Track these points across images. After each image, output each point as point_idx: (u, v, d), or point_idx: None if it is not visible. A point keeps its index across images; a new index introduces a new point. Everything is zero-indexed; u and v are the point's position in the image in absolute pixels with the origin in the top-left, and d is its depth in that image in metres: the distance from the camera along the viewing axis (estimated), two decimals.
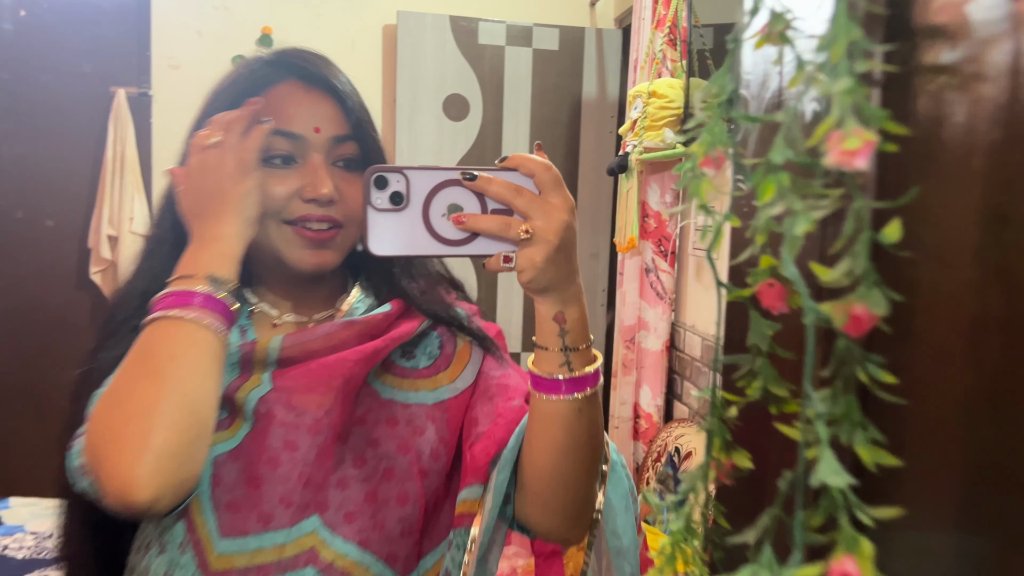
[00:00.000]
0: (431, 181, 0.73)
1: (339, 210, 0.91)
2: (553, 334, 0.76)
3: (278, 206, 0.89)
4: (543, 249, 0.71)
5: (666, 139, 2.48)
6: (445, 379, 0.97)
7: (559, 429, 0.79)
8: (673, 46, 2.60)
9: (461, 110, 3.38)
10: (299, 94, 0.92)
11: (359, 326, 0.93)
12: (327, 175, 0.90)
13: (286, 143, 0.90)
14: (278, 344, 0.90)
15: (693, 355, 2.61)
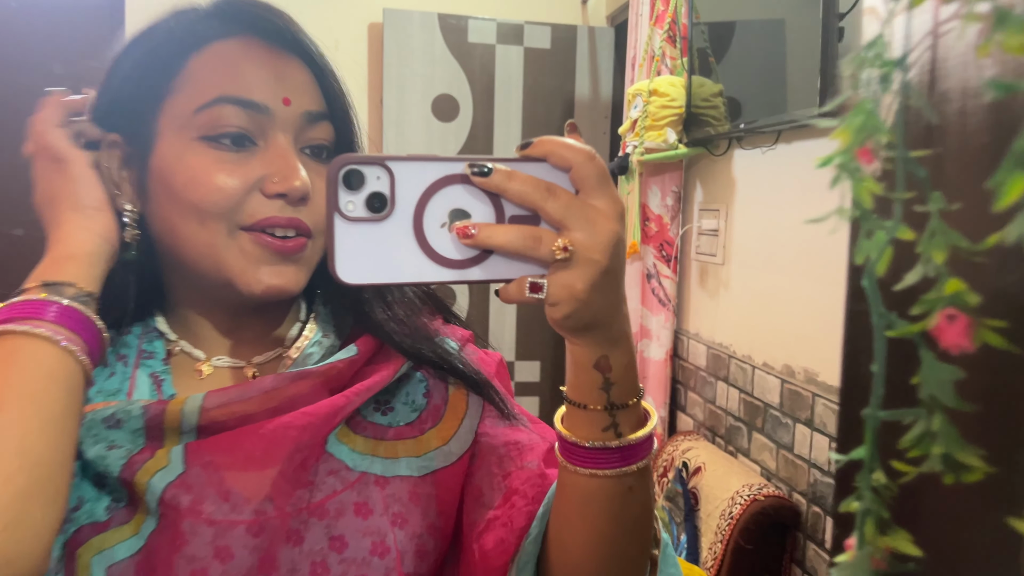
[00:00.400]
0: (425, 178, 0.51)
1: (309, 213, 0.69)
2: (594, 388, 0.56)
3: (228, 204, 0.66)
4: (587, 272, 0.51)
5: (668, 139, 2.38)
6: (435, 439, 0.75)
7: (602, 515, 0.60)
8: (673, 43, 2.50)
9: (450, 111, 3.26)
10: (259, 52, 0.69)
11: (314, 378, 0.70)
12: (298, 161, 0.68)
13: (241, 115, 0.67)
14: (197, 406, 0.66)
15: (697, 364, 2.51)
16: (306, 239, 0.69)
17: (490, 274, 0.53)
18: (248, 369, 0.75)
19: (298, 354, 0.75)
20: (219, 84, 0.67)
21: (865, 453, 0.39)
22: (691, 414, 2.56)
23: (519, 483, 0.70)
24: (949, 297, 0.35)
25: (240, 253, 0.67)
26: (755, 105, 2.10)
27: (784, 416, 1.99)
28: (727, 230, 2.33)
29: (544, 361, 3.40)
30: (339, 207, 0.51)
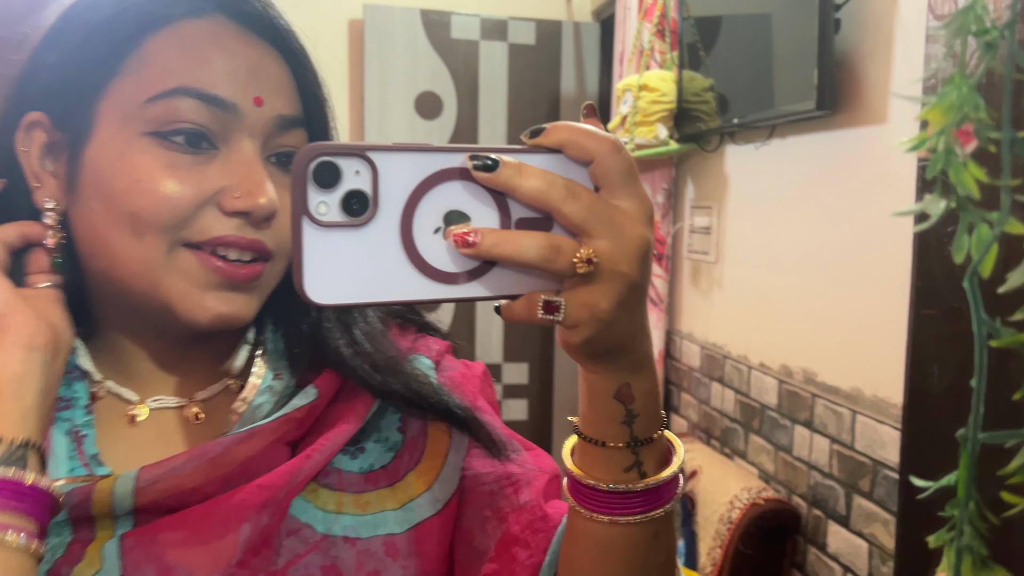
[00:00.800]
0: (416, 172, 0.42)
1: (273, 234, 0.58)
2: (615, 421, 0.48)
3: (175, 217, 0.54)
4: (613, 288, 0.42)
5: (659, 135, 2.33)
6: (417, 484, 0.64)
7: (623, 566, 0.52)
8: (662, 37, 2.45)
9: (434, 108, 3.19)
10: (231, 38, 0.57)
11: (263, 438, 0.58)
12: (265, 173, 0.57)
13: (202, 112, 0.55)
14: (130, 488, 0.54)
15: (691, 365, 2.46)
16: (263, 264, 0.58)
17: (493, 290, 0.44)
18: (191, 408, 0.63)
19: (245, 407, 0.61)
20: (179, 72, 0.55)
21: (961, 480, 0.34)
22: (684, 415, 2.51)
23: (518, 528, 0.61)
24: None
25: (182, 275, 0.56)
26: (742, 100, 2.06)
27: (783, 417, 1.94)
28: (719, 227, 2.29)
29: (532, 362, 3.35)
30: (308, 209, 0.41)
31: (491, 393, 0.74)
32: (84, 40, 0.57)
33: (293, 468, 0.58)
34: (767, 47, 1.99)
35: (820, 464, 1.79)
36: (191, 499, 0.55)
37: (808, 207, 1.84)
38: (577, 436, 0.51)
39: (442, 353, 0.72)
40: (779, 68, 1.91)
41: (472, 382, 0.71)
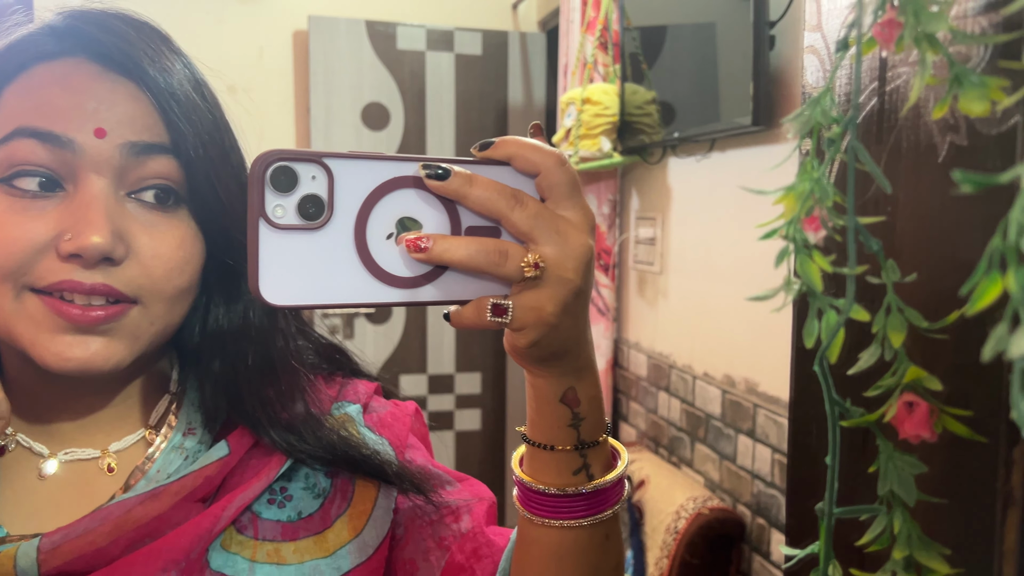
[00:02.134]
0: (370, 179, 0.43)
1: (129, 276, 0.55)
2: (562, 425, 0.50)
3: (13, 262, 0.53)
4: (558, 293, 0.44)
5: (602, 148, 2.35)
6: (346, 531, 0.63)
7: (577, 568, 0.53)
8: (604, 50, 2.47)
9: (381, 119, 3.18)
10: (81, 78, 0.56)
11: (168, 497, 0.57)
12: (104, 213, 0.53)
13: (41, 152, 0.53)
14: (32, 559, 0.53)
15: (638, 374, 2.48)
16: (126, 306, 0.55)
17: (443, 294, 0.45)
18: (104, 460, 0.62)
19: (151, 466, 0.61)
20: (19, 114, 0.54)
21: (820, 551, 0.35)
22: (633, 424, 2.54)
23: (462, 557, 0.63)
24: (908, 384, 0.32)
25: (31, 320, 0.54)
26: (688, 110, 2.09)
27: (726, 427, 1.97)
28: (664, 238, 2.31)
29: (485, 372, 3.35)
30: (265, 212, 0.42)
31: (422, 430, 0.75)
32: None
33: (197, 527, 0.57)
34: (712, 58, 2.02)
35: (763, 473, 1.82)
36: (98, 562, 0.55)
37: (746, 219, 1.88)
38: (526, 443, 0.53)
39: (370, 395, 0.72)
40: (723, 80, 1.94)
41: (402, 420, 0.72)
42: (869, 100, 0.39)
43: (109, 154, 0.55)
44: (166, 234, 0.57)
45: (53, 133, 0.54)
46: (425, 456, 0.71)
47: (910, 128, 0.36)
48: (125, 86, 0.57)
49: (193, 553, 0.56)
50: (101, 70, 0.56)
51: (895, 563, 0.32)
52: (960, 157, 0.33)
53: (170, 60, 0.59)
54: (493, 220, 0.45)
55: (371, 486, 0.66)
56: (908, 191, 0.36)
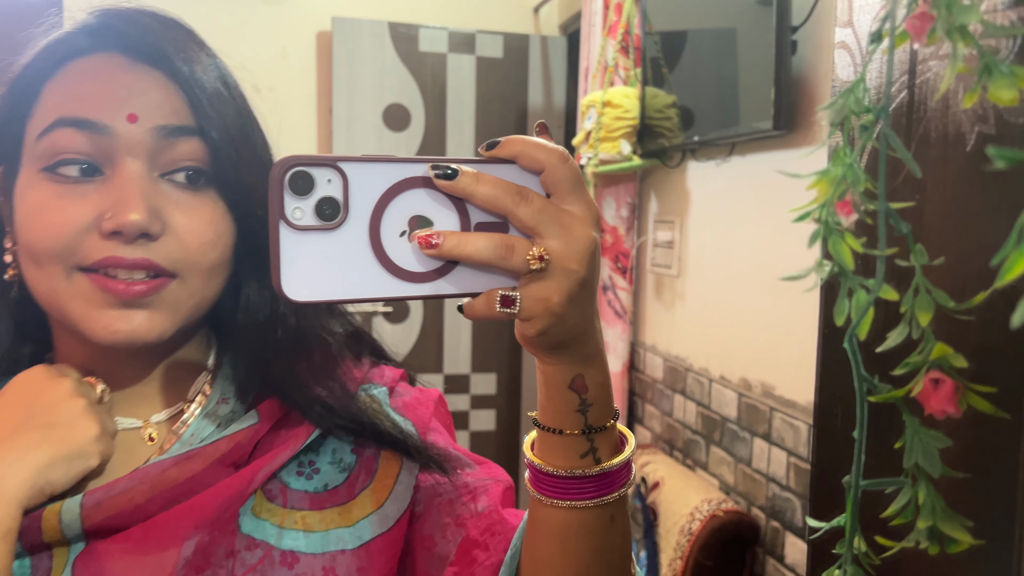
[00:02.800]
0: (383, 181, 0.46)
1: (167, 251, 0.59)
2: (570, 410, 0.51)
3: (60, 245, 0.57)
4: (563, 284, 0.46)
5: (622, 151, 2.37)
6: (369, 503, 0.66)
7: (583, 550, 0.55)
8: (626, 54, 2.49)
9: (402, 120, 3.21)
10: (112, 70, 0.60)
11: (202, 460, 0.61)
12: (140, 192, 0.58)
13: (80, 139, 0.58)
14: (76, 513, 0.57)
15: (654, 377, 2.49)
16: (166, 280, 0.60)
17: (455, 288, 0.48)
18: (145, 429, 0.66)
19: (185, 429, 0.65)
20: (60, 106, 0.59)
21: (847, 523, 0.36)
22: (649, 427, 2.55)
23: (477, 532, 0.65)
24: (935, 361, 0.33)
25: (80, 297, 0.59)
26: (708, 115, 2.10)
27: (742, 430, 1.98)
28: (682, 242, 2.32)
29: (500, 373, 3.37)
30: (285, 214, 0.45)
31: (445, 416, 0.77)
32: (9, 92, 0.62)
33: (226, 488, 0.60)
34: (732, 63, 2.03)
35: (778, 476, 1.82)
36: (135, 519, 0.58)
37: (765, 223, 1.89)
38: (536, 427, 0.54)
39: (396, 380, 0.75)
40: (743, 85, 1.95)
41: (426, 405, 0.74)
42: (899, 92, 0.40)
43: (141, 137, 0.59)
44: (198, 211, 0.61)
45: (90, 120, 0.58)
46: (447, 440, 0.73)
47: (939, 118, 0.38)
48: (153, 75, 0.61)
49: (224, 514, 0.60)
50: (131, 62, 0.61)
51: (919, 533, 0.34)
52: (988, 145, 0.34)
53: (195, 51, 0.63)
54: (500, 216, 0.47)
55: (394, 463, 0.69)
56: (937, 178, 0.38)
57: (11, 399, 0.60)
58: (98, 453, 0.59)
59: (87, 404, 0.60)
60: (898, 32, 0.35)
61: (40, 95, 0.61)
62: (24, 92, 0.61)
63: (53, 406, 0.59)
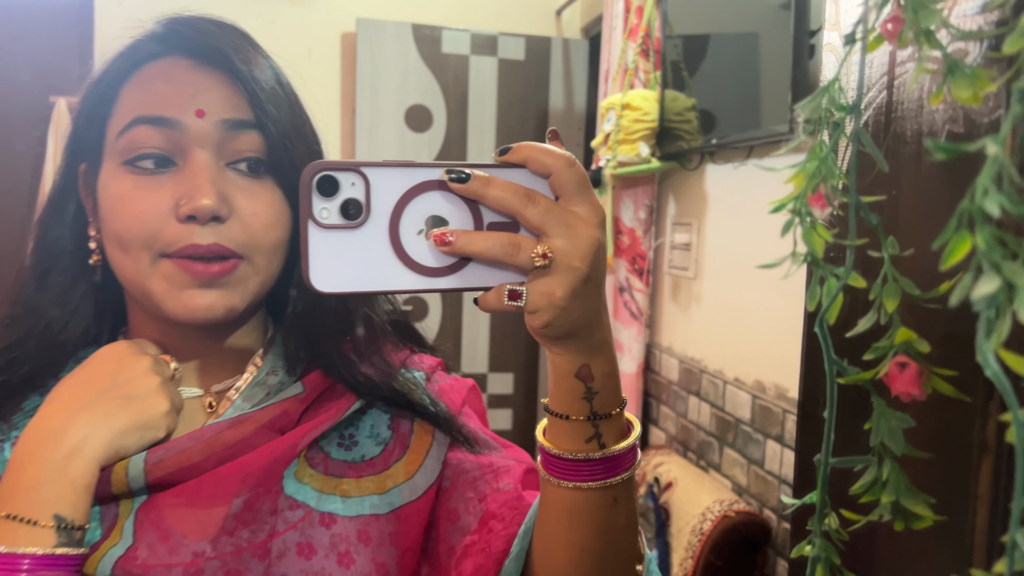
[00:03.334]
0: (402, 184, 0.50)
1: (234, 233, 0.66)
2: (576, 397, 0.55)
3: (145, 232, 0.64)
4: (566, 279, 0.50)
5: (641, 153, 2.38)
6: (401, 473, 0.72)
7: (587, 528, 0.59)
8: (646, 57, 2.51)
9: (424, 121, 3.24)
10: (180, 71, 0.68)
11: (252, 423, 0.68)
12: (209, 179, 0.65)
13: (155, 134, 0.65)
14: (140, 468, 0.64)
15: (670, 378, 2.51)
16: (236, 261, 0.67)
17: (468, 282, 0.52)
18: (207, 398, 0.73)
19: (237, 395, 0.72)
20: (136, 105, 0.67)
21: (817, 499, 0.38)
22: (663, 428, 2.56)
23: (496, 506, 0.70)
24: (900, 345, 0.35)
25: (163, 279, 0.66)
26: (729, 118, 2.11)
27: (755, 432, 1.99)
28: (699, 244, 2.34)
29: (517, 373, 3.39)
30: (313, 214, 0.50)
31: (477, 403, 0.83)
32: (90, 96, 0.70)
33: (272, 449, 0.67)
34: (754, 67, 2.04)
35: (790, 478, 1.83)
36: (191, 475, 0.65)
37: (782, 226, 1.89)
38: (547, 413, 0.59)
39: (434, 368, 0.81)
40: (765, 89, 1.97)
41: (459, 391, 0.80)
42: (880, 92, 0.42)
43: (208, 130, 0.66)
44: (259, 196, 0.68)
45: (163, 117, 0.65)
46: (477, 424, 0.79)
47: (913, 117, 0.40)
48: (216, 75, 0.68)
49: (270, 474, 0.66)
50: (196, 63, 0.68)
51: (883, 507, 0.36)
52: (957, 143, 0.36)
53: (251, 53, 0.70)
54: (510, 216, 0.51)
55: (426, 440, 0.75)
56: (911, 174, 0.40)
57: (95, 369, 0.66)
58: (165, 426, 0.66)
59: (162, 381, 0.67)
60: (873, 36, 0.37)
61: (118, 97, 0.68)
62: (103, 96, 0.69)
63: (133, 380, 0.65)
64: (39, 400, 0.69)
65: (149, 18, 0.72)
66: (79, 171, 0.72)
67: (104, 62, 0.71)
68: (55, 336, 0.72)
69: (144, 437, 0.65)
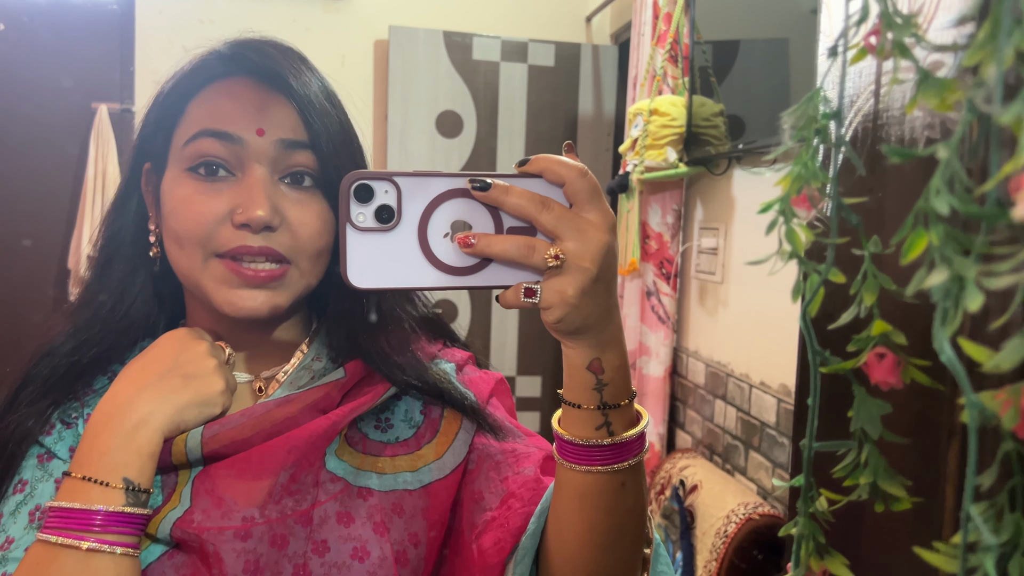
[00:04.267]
0: (429, 192, 0.56)
1: (284, 241, 0.73)
2: (588, 388, 0.60)
3: (202, 232, 0.72)
4: (577, 279, 0.55)
5: (668, 158, 2.40)
6: (431, 454, 0.79)
7: (596, 509, 0.64)
8: (674, 63, 2.53)
9: (454, 127, 3.29)
10: (244, 90, 0.75)
11: (298, 403, 0.75)
12: (264, 193, 0.72)
13: (218, 146, 0.73)
14: (197, 441, 0.71)
15: (696, 382, 2.52)
16: (285, 266, 0.73)
17: (489, 281, 0.57)
18: (257, 383, 0.81)
19: (285, 378, 0.80)
20: (203, 120, 0.74)
21: (803, 481, 0.41)
22: (690, 431, 2.57)
23: (516, 487, 0.75)
24: (879, 337, 0.38)
25: (213, 278, 0.73)
26: (759, 124, 2.13)
27: (780, 435, 2.00)
28: (726, 249, 2.35)
29: (545, 376, 3.42)
30: (351, 218, 0.56)
31: (506, 396, 0.89)
32: (159, 105, 0.78)
33: (317, 426, 0.73)
34: (784, 72, 2.05)
35: None
36: (243, 448, 0.72)
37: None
38: (561, 402, 0.64)
39: (465, 360, 0.88)
40: (795, 95, 1.98)
41: (487, 383, 0.87)
42: (867, 100, 0.45)
43: (266, 148, 0.73)
44: (308, 207, 0.74)
45: (227, 132, 0.72)
46: (503, 413, 0.85)
47: (897, 124, 0.42)
48: (276, 96, 0.75)
49: (313, 449, 0.73)
50: (257, 83, 0.75)
51: (863, 488, 0.38)
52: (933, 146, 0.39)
53: (307, 75, 0.77)
54: (527, 221, 0.56)
55: (455, 424, 0.81)
56: (894, 176, 0.42)
57: (159, 352, 0.73)
58: (221, 404, 0.73)
59: (218, 364, 0.74)
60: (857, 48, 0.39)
61: (185, 111, 0.76)
62: (172, 108, 0.76)
63: (192, 362, 0.73)
64: (106, 381, 0.78)
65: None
66: (143, 171, 0.80)
67: (173, 76, 0.78)
68: (118, 320, 0.79)
69: (203, 412, 0.71)
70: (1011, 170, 0.27)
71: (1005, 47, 0.29)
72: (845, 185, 0.41)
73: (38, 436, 0.74)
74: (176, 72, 0.79)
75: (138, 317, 0.80)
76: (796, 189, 0.38)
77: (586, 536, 0.65)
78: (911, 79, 0.38)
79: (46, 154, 3.33)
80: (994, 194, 0.28)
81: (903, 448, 0.39)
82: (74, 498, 0.65)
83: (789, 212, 0.38)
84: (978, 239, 0.30)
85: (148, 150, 0.79)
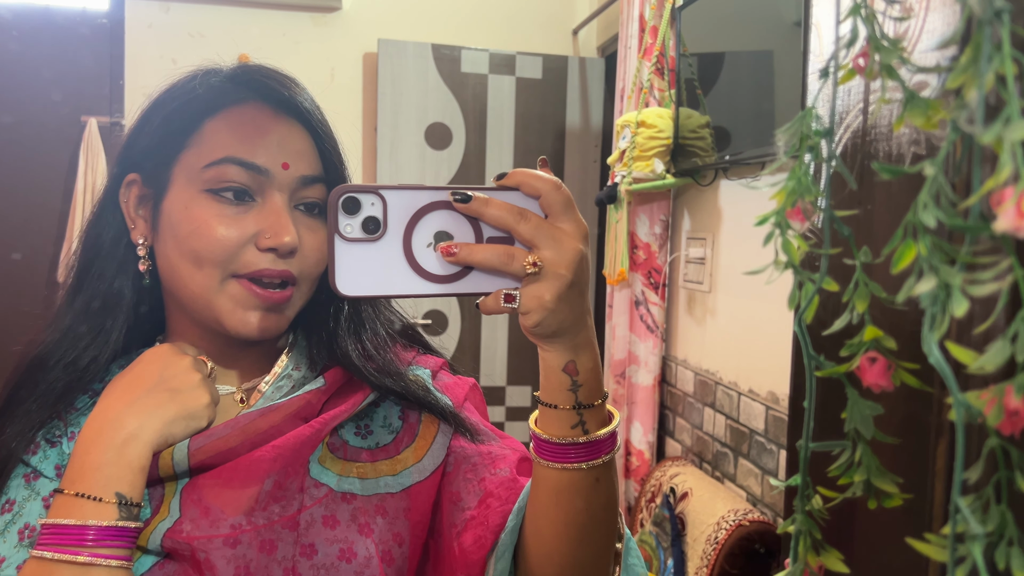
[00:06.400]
0: (413, 204, 0.59)
1: (297, 264, 0.77)
2: (563, 389, 0.63)
3: (225, 254, 0.74)
4: (553, 285, 0.58)
5: (655, 170, 2.43)
6: (411, 457, 0.82)
7: (571, 504, 0.67)
8: (660, 75, 2.56)
9: (443, 139, 3.31)
10: (266, 119, 0.78)
11: (282, 411, 0.77)
12: (289, 219, 0.75)
13: (244, 174, 0.75)
14: (184, 453, 0.72)
15: (685, 390, 2.54)
16: (292, 288, 0.77)
17: (471, 288, 0.60)
18: (238, 394, 0.82)
19: (266, 388, 0.82)
20: (228, 146, 0.76)
21: (799, 480, 0.43)
22: (679, 440, 2.59)
23: (493, 487, 0.78)
24: (870, 342, 0.40)
25: (230, 298, 0.75)
26: (744, 135, 2.16)
27: (769, 442, 2.02)
28: (713, 258, 2.38)
29: (534, 386, 3.44)
30: (339, 229, 0.58)
31: (478, 400, 0.92)
32: (164, 122, 0.78)
33: (300, 435, 0.75)
34: (768, 84, 2.09)
35: None
36: (228, 458, 0.74)
37: None
38: (538, 403, 0.66)
39: (439, 367, 0.91)
40: (779, 106, 2.01)
41: (462, 387, 0.90)
42: (856, 117, 0.47)
43: (289, 180, 0.77)
44: (317, 233, 0.78)
45: (255, 164, 0.75)
46: (478, 417, 0.88)
47: (885, 140, 0.45)
48: (295, 126, 0.79)
49: (297, 457, 0.75)
50: (276, 112, 0.78)
51: (856, 485, 0.40)
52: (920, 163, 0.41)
53: (314, 105, 0.81)
54: (506, 231, 0.59)
55: (432, 428, 0.84)
56: (882, 190, 0.44)
57: (144, 368, 0.74)
58: (207, 417, 0.74)
59: (202, 378, 0.75)
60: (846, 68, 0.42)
61: (200, 130, 0.77)
62: (181, 126, 0.77)
63: (177, 376, 0.74)
64: (87, 400, 0.79)
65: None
66: (123, 182, 0.80)
67: (177, 93, 0.79)
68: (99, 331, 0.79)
69: (189, 426, 0.73)
70: (993, 185, 0.29)
71: (986, 71, 0.31)
72: (836, 198, 0.43)
73: (22, 455, 0.75)
74: (178, 88, 0.79)
75: (119, 323, 0.80)
76: (790, 202, 0.40)
77: (562, 530, 0.68)
78: (898, 99, 0.40)
79: (36, 167, 3.33)
80: (977, 208, 0.31)
81: (894, 447, 0.41)
82: (68, 514, 0.66)
83: (784, 224, 0.40)
84: (963, 250, 0.32)
85: (140, 163, 0.79)
